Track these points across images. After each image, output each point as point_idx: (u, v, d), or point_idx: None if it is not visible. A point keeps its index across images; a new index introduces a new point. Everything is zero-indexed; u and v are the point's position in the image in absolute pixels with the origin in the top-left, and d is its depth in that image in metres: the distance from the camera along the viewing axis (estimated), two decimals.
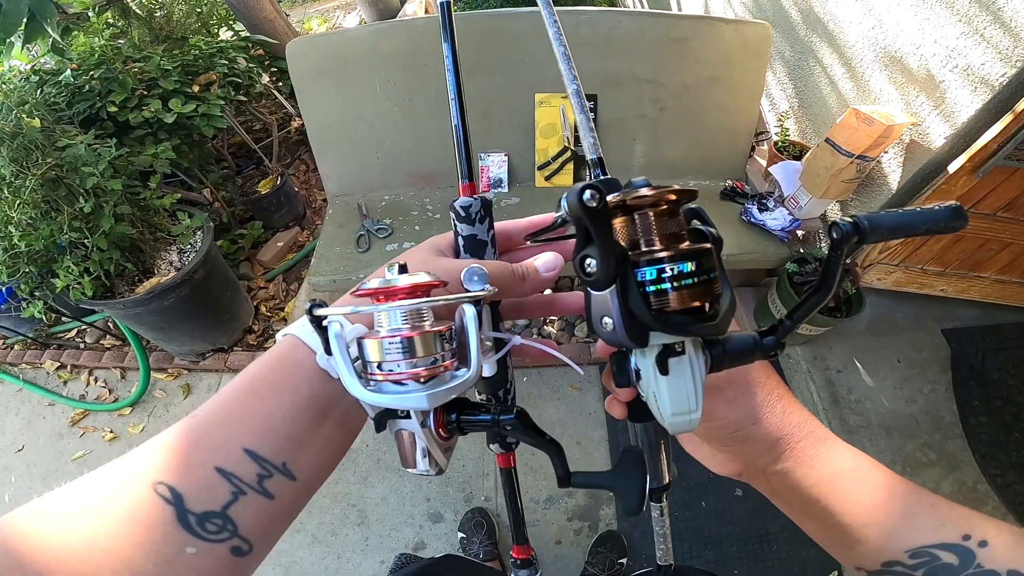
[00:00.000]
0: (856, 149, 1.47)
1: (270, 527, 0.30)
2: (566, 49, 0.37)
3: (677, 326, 0.27)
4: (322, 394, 0.32)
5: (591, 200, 0.24)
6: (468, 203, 0.38)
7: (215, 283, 1.90)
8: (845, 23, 1.68)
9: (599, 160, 0.35)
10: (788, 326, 0.31)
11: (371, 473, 1.80)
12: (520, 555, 0.63)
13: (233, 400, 0.31)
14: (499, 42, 1.72)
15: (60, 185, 1.53)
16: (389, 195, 1.92)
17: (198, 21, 2.36)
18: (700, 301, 0.27)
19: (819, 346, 1.91)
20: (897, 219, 0.26)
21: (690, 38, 1.74)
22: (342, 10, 4.73)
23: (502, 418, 0.35)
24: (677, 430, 0.32)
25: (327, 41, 1.76)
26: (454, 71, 0.40)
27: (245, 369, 0.33)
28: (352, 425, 0.35)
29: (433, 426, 0.34)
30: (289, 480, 0.30)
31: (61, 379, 2.21)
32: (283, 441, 0.30)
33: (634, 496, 0.31)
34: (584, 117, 0.35)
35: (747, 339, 0.31)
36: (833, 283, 0.28)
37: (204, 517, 0.27)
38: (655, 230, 0.28)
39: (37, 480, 1.95)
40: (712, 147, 1.93)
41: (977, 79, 1.30)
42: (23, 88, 1.69)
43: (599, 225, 0.25)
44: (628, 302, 0.27)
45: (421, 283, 0.31)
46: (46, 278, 1.66)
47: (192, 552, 0.27)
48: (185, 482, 0.27)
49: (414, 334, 0.30)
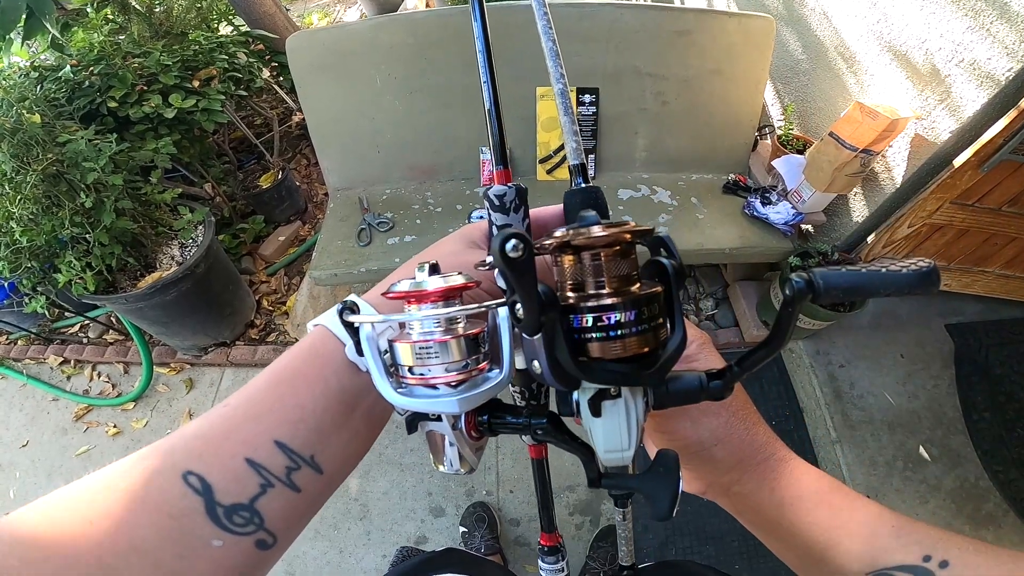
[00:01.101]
0: (860, 143, 1.46)
1: (294, 521, 0.30)
2: (555, 44, 0.35)
3: (606, 376, 0.27)
4: (351, 387, 0.32)
5: (513, 251, 0.23)
6: (503, 191, 0.37)
7: (217, 277, 1.90)
8: (850, 16, 1.66)
9: (580, 167, 0.34)
10: (736, 373, 0.30)
11: (373, 467, 1.80)
12: (548, 542, 0.62)
13: (264, 391, 0.31)
14: (501, 35, 1.71)
15: (61, 180, 1.53)
16: (390, 189, 1.92)
17: (198, 16, 2.35)
18: (639, 350, 0.27)
19: (822, 341, 1.90)
20: (855, 279, 0.24)
21: (693, 31, 1.73)
22: (342, 4, 4.70)
23: (534, 422, 0.35)
24: (610, 465, 0.32)
25: (327, 35, 1.75)
26: (486, 53, 0.38)
27: (276, 360, 0.33)
28: (378, 419, 0.34)
29: (464, 428, 0.34)
30: (316, 473, 0.30)
31: (65, 374, 2.22)
32: (312, 433, 0.30)
33: (665, 500, 0.31)
34: (568, 119, 0.34)
35: (694, 381, 0.31)
36: (784, 338, 0.26)
37: (232, 509, 0.27)
38: (604, 271, 0.27)
39: (42, 475, 1.96)
40: (715, 141, 1.92)
41: (983, 74, 1.29)
42: (23, 84, 1.69)
43: (521, 277, 0.23)
44: (554, 351, 0.26)
45: (454, 286, 0.30)
46: (48, 273, 1.67)
47: (218, 545, 0.27)
48: (216, 473, 0.27)
49: (447, 339, 0.30)
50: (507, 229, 0.24)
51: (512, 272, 0.23)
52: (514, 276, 0.23)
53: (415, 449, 1.84)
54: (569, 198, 0.30)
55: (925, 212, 1.59)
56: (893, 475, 1.66)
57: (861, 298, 0.24)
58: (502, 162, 0.38)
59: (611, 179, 1.92)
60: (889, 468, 1.68)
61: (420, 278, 0.31)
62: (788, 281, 0.24)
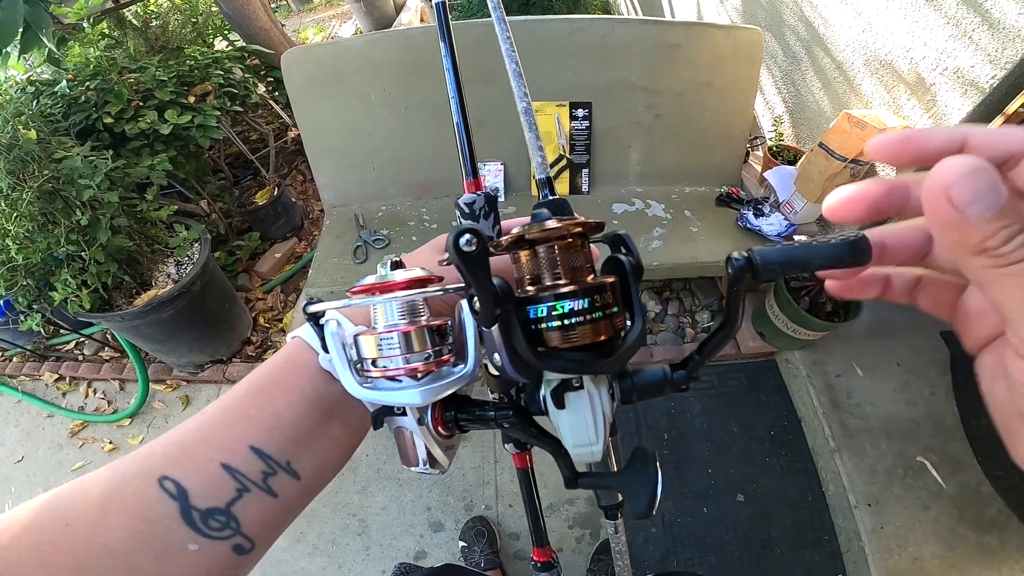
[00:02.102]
0: (849, 153, 1.48)
1: (272, 526, 0.31)
2: (518, 66, 0.37)
3: (565, 364, 0.27)
4: (326, 395, 0.32)
5: (467, 245, 0.24)
6: (472, 199, 0.39)
7: (213, 295, 1.90)
8: (836, 27, 1.69)
9: (547, 180, 0.35)
10: (698, 361, 0.30)
11: (371, 483, 1.79)
12: (541, 557, 0.61)
13: (241, 399, 0.31)
14: (493, 51, 1.72)
15: (57, 197, 1.53)
16: (386, 205, 1.92)
17: (193, 31, 2.37)
18: (595, 338, 0.27)
19: (818, 351, 1.90)
20: (789, 253, 0.24)
21: (683, 44, 1.75)
22: (338, 19, 4.75)
23: (499, 414, 0.35)
24: (580, 460, 0.32)
25: (322, 51, 1.77)
26: (453, 70, 0.40)
27: (254, 370, 0.33)
28: (357, 427, 0.35)
29: (431, 423, 0.34)
30: (293, 479, 0.31)
31: (60, 391, 2.21)
32: (289, 440, 0.31)
33: (644, 499, 0.31)
34: (533, 135, 0.36)
35: (658, 372, 0.31)
36: (737, 318, 0.27)
37: (208, 513, 0.27)
38: (558, 264, 0.28)
39: (37, 490, 1.94)
40: (707, 153, 1.94)
41: (967, 82, 1.30)
42: (19, 99, 1.70)
43: (475, 270, 0.25)
44: (511, 341, 0.27)
45: (416, 278, 0.31)
46: (44, 291, 1.66)
47: (194, 549, 0.27)
48: (191, 478, 0.28)
49: (409, 329, 0.30)
50: (461, 225, 0.25)
51: (466, 265, 0.24)
52: (468, 269, 0.24)
53: None
54: (537, 210, 0.31)
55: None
56: (894, 482, 1.66)
57: (797, 272, 0.24)
58: (472, 173, 0.40)
59: (605, 193, 1.93)
60: (889, 476, 1.67)
61: (383, 272, 0.32)
62: (729, 260, 0.24)
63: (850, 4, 1.61)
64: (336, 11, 5.09)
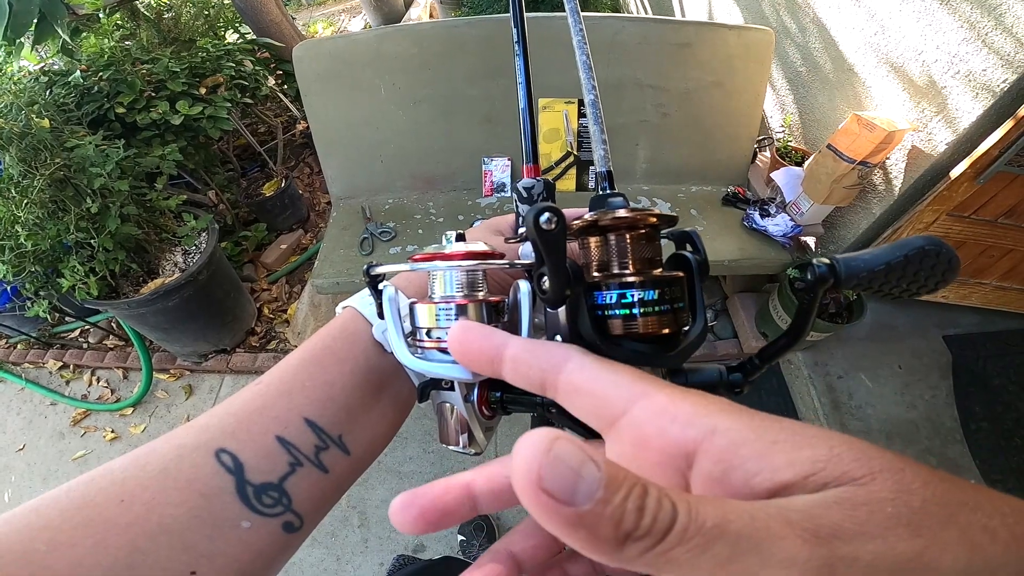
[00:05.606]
0: (858, 155, 1.48)
1: (321, 502, 0.30)
2: (588, 59, 0.36)
3: (629, 354, 0.27)
4: (378, 367, 0.32)
5: (547, 223, 0.24)
6: (531, 184, 0.38)
7: (219, 285, 1.91)
8: (847, 29, 1.69)
9: (608, 174, 0.34)
10: (756, 365, 0.29)
11: (371, 475, 1.80)
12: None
13: (296, 369, 0.31)
14: (503, 47, 1.73)
15: (67, 185, 1.54)
16: (393, 198, 1.93)
17: (205, 23, 2.38)
18: (660, 330, 0.27)
19: (820, 352, 1.91)
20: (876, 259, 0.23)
21: (693, 44, 1.75)
22: (347, 14, 4.76)
23: (545, 399, 0.35)
24: None
25: (333, 45, 1.77)
26: (523, 56, 0.40)
27: (308, 339, 0.33)
28: (405, 403, 0.35)
29: (476, 401, 0.34)
30: (343, 454, 0.30)
31: (63, 379, 2.22)
32: (341, 412, 0.30)
33: None
34: (598, 128, 0.34)
35: (713, 372, 0.30)
36: (806, 327, 0.26)
37: (262, 489, 0.27)
38: (629, 253, 0.28)
39: (37, 479, 1.95)
40: (715, 152, 1.94)
41: (979, 85, 1.30)
42: (33, 89, 1.71)
43: (552, 248, 0.24)
44: (577, 325, 0.27)
45: (478, 251, 0.31)
46: (52, 278, 1.67)
47: (247, 526, 0.26)
48: (246, 450, 0.27)
49: (467, 302, 0.30)
50: (542, 203, 0.24)
51: (544, 244, 0.24)
52: (545, 248, 0.24)
53: (414, 458, 1.84)
54: (596, 202, 0.31)
55: (922, 224, 1.61)
56: None
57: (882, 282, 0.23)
58: (532, 157, 0.40)
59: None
60: None
61: (446, 243, 0.32)
62: (810, 266, 0.24)
63: (863, 6, 1.61)
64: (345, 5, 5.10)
